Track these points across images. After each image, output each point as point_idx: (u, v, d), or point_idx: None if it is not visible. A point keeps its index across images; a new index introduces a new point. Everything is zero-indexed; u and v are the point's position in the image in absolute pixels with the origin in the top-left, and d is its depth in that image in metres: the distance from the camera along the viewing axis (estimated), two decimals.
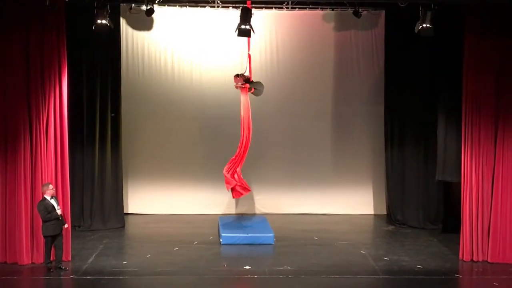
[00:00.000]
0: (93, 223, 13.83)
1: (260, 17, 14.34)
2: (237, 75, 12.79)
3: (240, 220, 14.06)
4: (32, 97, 11.19)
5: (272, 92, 14.90)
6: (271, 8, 14.56)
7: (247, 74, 12.84)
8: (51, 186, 10.92)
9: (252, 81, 12.86)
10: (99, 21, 11.82)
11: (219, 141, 15.05)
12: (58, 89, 11.33)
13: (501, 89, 11.55)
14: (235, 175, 12.80)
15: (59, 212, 10.83)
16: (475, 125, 11.57)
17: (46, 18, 11.14)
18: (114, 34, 13.30)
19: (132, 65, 14.90)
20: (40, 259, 11.25)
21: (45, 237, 10.89)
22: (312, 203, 15.37)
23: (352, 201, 15.41)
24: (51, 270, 10.87)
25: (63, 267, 10.92)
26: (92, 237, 13.17)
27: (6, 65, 11.14)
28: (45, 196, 10.85)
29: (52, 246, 10.92)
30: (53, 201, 10.85)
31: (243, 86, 12.74)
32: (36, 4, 11.06)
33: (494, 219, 11.56)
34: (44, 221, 10.79)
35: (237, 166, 12.85)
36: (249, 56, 12.77)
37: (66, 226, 11.07)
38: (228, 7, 14.27)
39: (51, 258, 10.98)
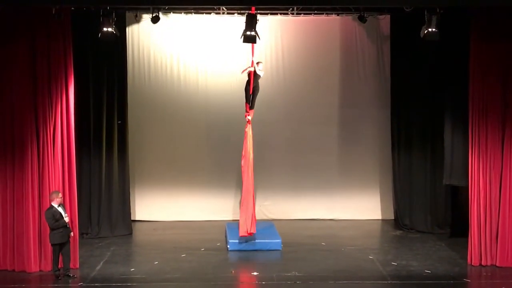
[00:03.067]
0: (101, 230, 13.85)
1: (266, 23, 14.37)
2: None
3: None
4: (39, 104, 11.24)
5: (278, 97, 14.96)
6: (276, 14, 14.57)
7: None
8: (59, 194, 10.95)
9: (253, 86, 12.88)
10: (105, 29, 11.88)
11: (225, 147, 15.07)
12: (65, 97, 11.38)
13: (507, 92, 11.52)
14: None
15: (66, 219, 10.85)
16: (482, 129, 11.54)
17: (52, 27, 11.19)
18: (120, 41, 13.35)
19: (138, 72, 14.94)
20: (48, 266, 11.27)
21: (52, 245, 10.91)
22: (319, 208, 15.36)
23: (359, 206, 15.38)
24: (59, 278, 10.88)
25: (71, 275, 10.94)
26: (100, 244, 13.19)
27: (13, 73, 11.18)
28: (52, 203, 10.87)
29: (60, 253, 10.94)
30: (60, 209, 10.88)
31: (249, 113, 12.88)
32: (42, 13, 11.11)
33: (502, 223, 11.52)
34: (52, 229, 10.81)
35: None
36: (253, 62, 12.77)
37: (72, 234, 11.09)
38: (233, 13, 14.30)
39: (59, 266, 10.99)
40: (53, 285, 10.74)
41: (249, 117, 12.96)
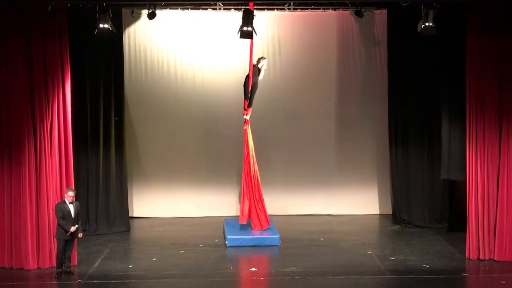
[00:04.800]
0: (99, 227, 13.85)
1: (262, 18, 14.33)
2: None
3: None
4: (35, 102, 11.20)
5: (275, 93, 14.93)
6: (273, 9, 14.54)
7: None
8: (70, 193, 10.89)
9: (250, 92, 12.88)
10: (101, 26, 11.83)
11: (223, 143, 15.07)
12: (62, 94, 11.36)
13: (504, 87, 11.52)
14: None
15: (72, 229, 10.73)
16: (479, 123, 11.54)
17: (48, 24, 11.15)
18: (116, 38, 13.34)
19: (135, 68, 14.91)
20: (46, 264, 11.26)
21: (57, 239, 10.89)
22: (317, 204, 15.36)
23: (357, 201, 15.39)
24: (56, 276, 10.82)
25: (71, 271, 10.92)
26: (98, 241, 13.19)
27: (9, 71, 11.15)
28: (65, 199, 10.88)
29: (64, 250, 10.89)
30: (71, 207, 10.83)
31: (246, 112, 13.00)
32: (38, 10, 11.08)
33: (500, 217, 11.53)
34: (58, 224, 10.80)
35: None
36: (251, 55, 12.73)
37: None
38: (230, 9, 14.27)
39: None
40: (51, 282, 10.73)
41: (247, 117, 12.97)
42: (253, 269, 11.24)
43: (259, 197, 13.11)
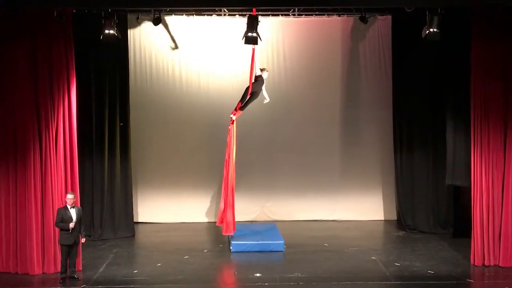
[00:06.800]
0: (104, 232, 13.86)
1: (267, 24, 14.37)
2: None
3: (250, 227, 14.04)
4: (41, 107, 11.24)
5: (279, 98, 14.92)
6: (278, 15, 14.58)
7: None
8: (69, 196, 10.94)
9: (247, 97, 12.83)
10: (106, 31, 11.90)
11: None
12: (67, 99, 11.39)
13: (509, 92, 11.52)
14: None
15: (71, 225, 10.81)
16: (484, 129, 11.53)
17: (53, 29, 11.20)
18: (121, 43, 13.38)
19: (140, 74, 14.95)
20: (50, 269, 11.27)
21: (60, 245, 10.92)
22: (322, 209, 15.35)
23: (362, 207, 15.37)
24: (61, 281, 10.82)
25: (76, 276, 10.94)
26: (103, 246, 13.20)
27: (14, 76, 11.19)
28: (66, 204, 10.91)
29: (68, 255, 10.91)
30: (72, 211, 10.84)
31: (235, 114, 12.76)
32: (43, 16, 11.13)
33: (505, 223, 11.51)
34: (60, 229, 10.82)
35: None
36: (252, 62, 12.73)
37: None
38: (234, 15, 14.30)
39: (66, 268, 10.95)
40: None
41: (234, 117, 12.89)
42: (258, 274, 11.23)
43: (232, 201, 12.97)
